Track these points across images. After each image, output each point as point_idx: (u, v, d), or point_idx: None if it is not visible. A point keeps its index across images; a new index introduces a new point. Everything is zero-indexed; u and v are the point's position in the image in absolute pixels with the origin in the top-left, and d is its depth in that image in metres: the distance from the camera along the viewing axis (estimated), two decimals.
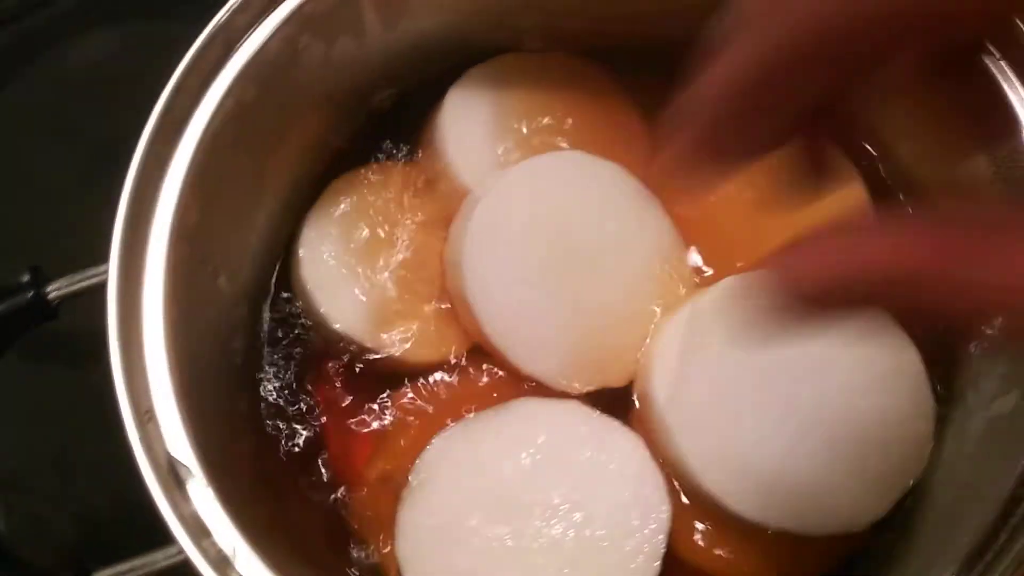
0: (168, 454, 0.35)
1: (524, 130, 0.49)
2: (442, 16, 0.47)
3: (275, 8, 0.41)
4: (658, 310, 0.45)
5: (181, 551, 0.34)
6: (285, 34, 0.41)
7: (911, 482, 0.41)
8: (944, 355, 0.44)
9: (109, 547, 0.36)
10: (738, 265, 0.46)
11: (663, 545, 0.41)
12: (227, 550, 0.34)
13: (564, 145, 0.48)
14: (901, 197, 0.48)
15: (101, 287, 0.37)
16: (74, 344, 0.38)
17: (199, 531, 0.34)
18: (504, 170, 0.46)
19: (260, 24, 0.41)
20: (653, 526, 0.41)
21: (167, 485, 0.34)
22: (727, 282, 0.44)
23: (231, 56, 0.40)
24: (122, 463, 0.35)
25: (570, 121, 0.49)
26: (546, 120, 0.49)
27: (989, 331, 0.41)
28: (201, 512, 0.34)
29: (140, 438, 0.34)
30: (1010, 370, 0.39)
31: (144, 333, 0.37)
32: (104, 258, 0.37)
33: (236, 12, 0.40)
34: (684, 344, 0.42)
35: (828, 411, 0.41)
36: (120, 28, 0.57)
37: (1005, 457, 0.36)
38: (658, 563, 0.40)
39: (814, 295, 0.25)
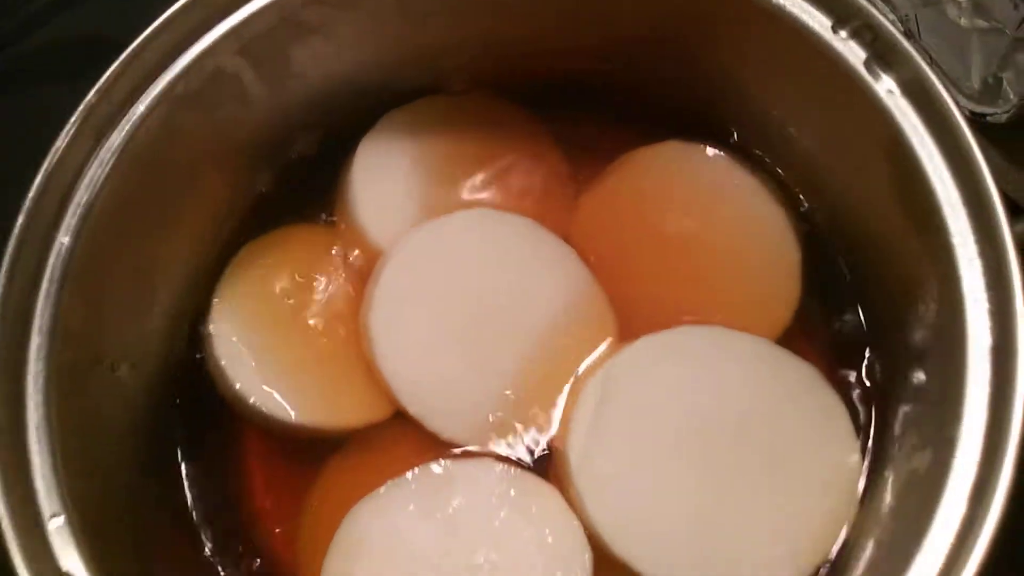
0: (60, 572, 0.34)
1: (443, 181, 0.47)
2: (338, 67, 0.46)
3: (143, 93, 0.39)
4: (576, 367, 0.43)
5: None
6: (159, 116, 0.40)
7: (833, 550, 0.39)
8: (869, 414, 0.43)
9: None
10: (661, 320, 0.43)
11: None
12: None
13: (485, 194, 0.47)
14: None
15: None
16: None
17: None
18: (413, 229, 0.45)
19: (130, 110, 0.39)
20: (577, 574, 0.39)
21: None
22: (643, 341, 0.42)
23: (100, 146, 0.39)
24: None
25: (491, 168, 0.47)
26: (467, 168, 0.47)
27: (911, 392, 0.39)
28: None
29: (23, 557, 0.33)
30: (930, 426, 0.37)
31: (29, 444, 0.35)
32: None
33: (102, 99, 0.39)
34: (598, 405, 0.41)
35: (747, 475, 0.40)
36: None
37: (920, 513, 0.34)
38: None
39: None
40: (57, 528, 0.35)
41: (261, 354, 0.44)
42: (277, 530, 0.44)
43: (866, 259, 0.43)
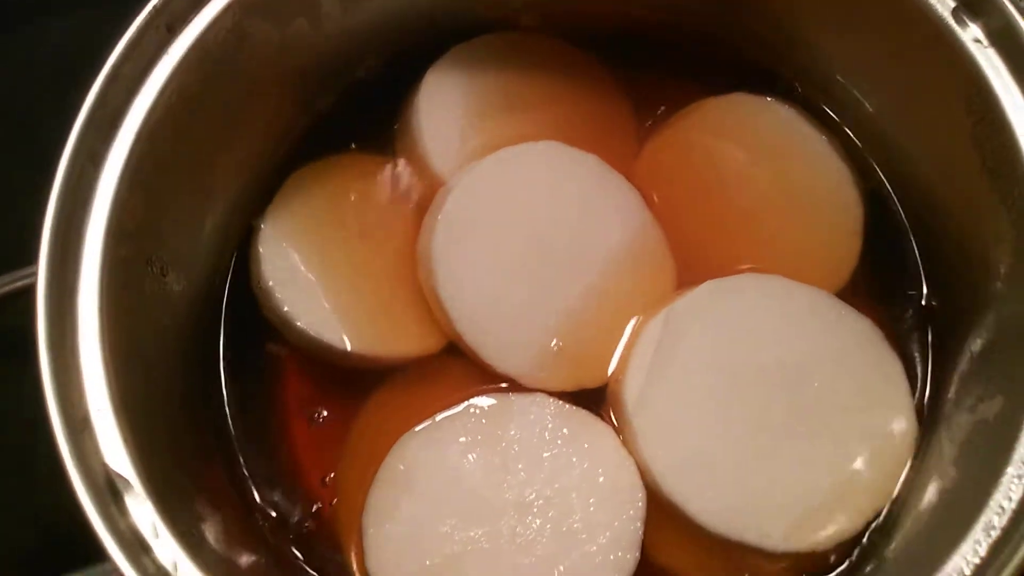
0: (105, 465, 0.33)
1: (505, 117, 0.46)
2: None
3: None
4: (634, 309, 0.43)
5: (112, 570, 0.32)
6: (230, 20, 0.39)
7: (886, 503, 0.39)
8: (927, 367, 0.42)
9: (59, 559, 0.34)
10: (720, 267, 0.43)
11: (640, 534, 0.39)
12: (167, 566, 0.32)
13: (547, 134, 0.46)
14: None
15: (31, 289, 0.35)
16: (18, 344, 0.36)
17: (137, 546, 0.32)
18: (477, 161, 0.44)
19: (203, 10, 0.39)
20: (630, 515, 0.39)
21: (102, 498, 0.32)
22: (707, 285, 0.42)
23: (171, 43, 0.38)
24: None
25: (555, 108, 0.47)
26: (530, 106, 0.47)
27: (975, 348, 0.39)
28: (140, 526, 0.32)
29: (71, 449, 0.32)
30: (997, 376, 0.37)
31: (80, 337, 0.34)
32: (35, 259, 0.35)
33: None
34: (658, 348, 0.40)
35: (804, 424, 0.39)
36: (65, 18, 0.54)
37: (986, 465, 0.33)
38: (637, 553, 0.39)
39: None
40: (103, 424, 0.34)
41: (311, 278, 0.43)
42: (317, 460, 0.43)
43: (933, 216, 0.43)
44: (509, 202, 0.42)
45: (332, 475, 0.42)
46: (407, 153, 0.46)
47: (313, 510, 0.42)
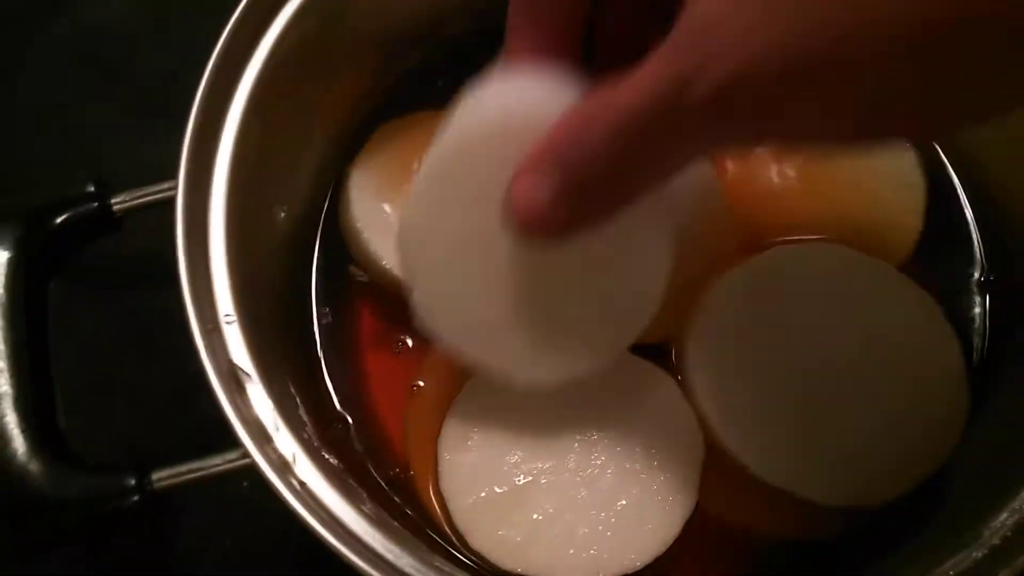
0: (231, 362, 0.36)
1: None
2: None
3: None
4: (698, 270, 0.44)
5: (240, 456, 0.35)
6: None
7: (941, 459, 0.41)
8: (984, 342, 0.45)
9: (168, 451, 0.37)
10: (785, 232, 0.46)
11: (697, 478, 0.42)
12: (287, 456, 0.35)
13: None
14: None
15: (165, 203, 0.38)
16: (138, 261, 0.39)
17: (261, 436, 0.35)
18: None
19: None
20: (688, 459, 0.42)
21: (231, 391, 0.36)
22: (773, 252, 0.44)
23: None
24: (180, 375, 0.36)
25: None
26: None
27: None
28: (263, 418, 0.36)
29: (205, 346, 0.36)
30: None
31: (210, 249, 0.38)
32: (166, 177, 0.39)
33: None
34: (718, 309, 0.43)
35: (859, 382, 0.42)
36: None
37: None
38: (695, 494, 0.41)
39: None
40: (229, 328, 0.37)
41: (395, 222, 0.46)
42: (399, 383, 0.45)
43: (995, 194, 0.46)
44: None
45: (415, 386, 0.45)
46: None
47: (388, 432, 0.45)
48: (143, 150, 0.40)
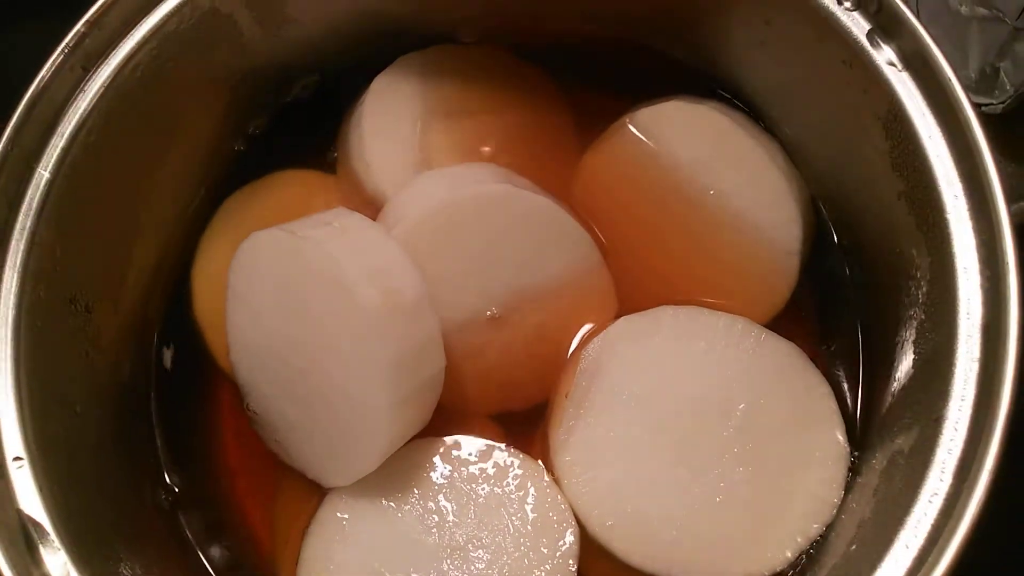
0: (20, 512, 0.33)
1: (451, 129, 0.46)
2: (336, 13, 0.44)
3: (133, 28, 0.38)
4: (571, 342, 0.43)
5: None
6: (147, 55, 0.39)
7: (817, 531, 0.39)
8: (857, 393, 0.42)
9: None
10: (656, 294, 0.43)
11: (574, 570, 0.39)
12: None
13: (490, 144, 0.46)
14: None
15: None
16: None
17: None
18: (435, 197, 0.42)
19: (119, 44, 0.38)
20: (563, 552, 0.39)
21: (17, 547, 0.32)
22: (622, 322, 0.41)
23: (87, 78, 0.38)
24: None
25: (500, 119, 0.46)
26: (475, 118, 0.46)
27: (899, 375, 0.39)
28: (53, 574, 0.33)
29: None
30: (917, 405, 0.36)
31: None
32: None
33: (91, 29, 0.38)
34: (577, 387, 0.40)
35: (731, 456, 0.39)
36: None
37: (905, 490, 0.34)
38: None
39: None
40: (18, 472, 0.34)
41: None
42: (255, 502, 0.43)
43: (859, 235, 0.43)
44: (463, 240, 0.41)
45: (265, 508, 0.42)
46: (347, 165, 0.46)
47: (249, 555, 0.42)
48: None
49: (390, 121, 0.45)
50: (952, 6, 0.47)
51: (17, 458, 0.34)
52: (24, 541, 0.33)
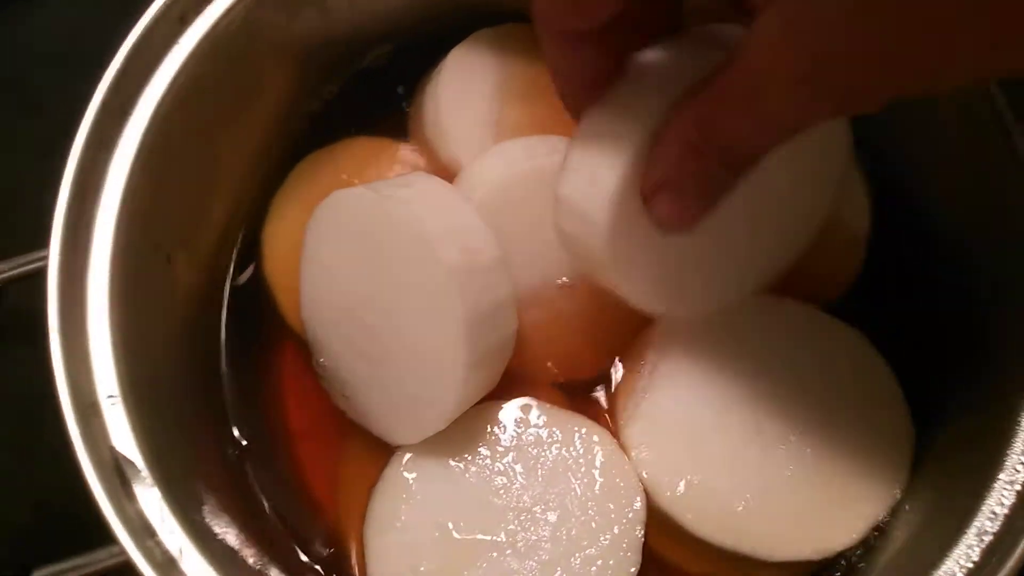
0: (113, 450, 0.34)
1: (524, 103, 0.46)
2: None
3: None
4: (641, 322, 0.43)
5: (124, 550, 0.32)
6: (242, 10, 0.40)
7: (884, 512, 0.39)
8: (919, 376, 0.42)
9: (58, 541, 0.35)
10: None
11: (641, 537, 0.39)
12: (173, 551, 0.33)
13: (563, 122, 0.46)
14: None
15: (44, 272, 0.35)
16: (27, 327, 0.36)
17: (144, 531, 0.32)
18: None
19: (213, 1, 0.39)
20: (630, 519, 0.39)
21: (111, 482, 0.33)
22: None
23: (184, 32, 0.39)
24: (67, 461, 0.33)
25: None
26: (549, 95, 0.46)
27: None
28: (147, 511, 0.33)
29: (81, 432, 0.33)
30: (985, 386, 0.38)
31: (89, 322, 0.35)
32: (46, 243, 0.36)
33: None
34: (651, 354, 0.41)
35: (797, 435, 0.40)
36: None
37: (975, 472, 0.35)
38: (638, 557, 0.39)
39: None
40: (111, 409, 0.34)
41: None
42: (319, 458, 0.43)
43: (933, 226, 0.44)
44: (534, 214, 0.41)
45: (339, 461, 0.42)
46: (421, 133, 0.46)
47: (313, 511, 0.42)
48: (33, 210, 0.36)
49: (466, 93, 0.45)
50: None
51: (111, 396, 0.34)
52: (118, 477, 0.33)
